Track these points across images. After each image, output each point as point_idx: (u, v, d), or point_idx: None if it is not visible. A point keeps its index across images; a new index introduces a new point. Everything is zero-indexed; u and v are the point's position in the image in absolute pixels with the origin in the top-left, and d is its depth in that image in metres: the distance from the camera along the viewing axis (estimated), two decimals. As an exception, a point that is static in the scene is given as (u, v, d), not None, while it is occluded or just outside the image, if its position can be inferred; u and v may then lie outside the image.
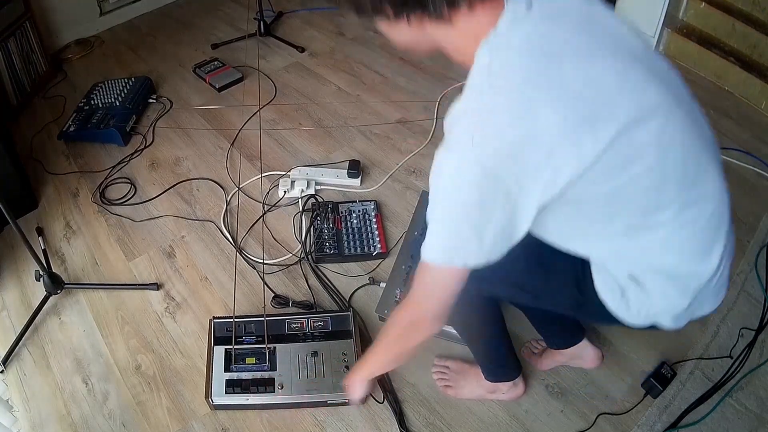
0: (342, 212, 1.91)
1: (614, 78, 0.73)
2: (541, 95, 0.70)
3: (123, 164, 2.21)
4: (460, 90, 0.77)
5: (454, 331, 1.53)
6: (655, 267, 0.87)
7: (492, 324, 1.22)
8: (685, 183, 0.81)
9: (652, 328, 0.95)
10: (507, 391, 1.40)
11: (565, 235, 0.91)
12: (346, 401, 1.43)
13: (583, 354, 1.43)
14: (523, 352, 1.52)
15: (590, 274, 0.92)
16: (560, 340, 1.41)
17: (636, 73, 0.76)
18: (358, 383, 1.20)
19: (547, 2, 0.75)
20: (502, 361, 1.34)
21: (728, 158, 2.11)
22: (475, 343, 1.31)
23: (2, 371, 1.57)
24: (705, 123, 0.89)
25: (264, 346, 1.48)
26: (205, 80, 2.60)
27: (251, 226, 1.93)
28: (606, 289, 0.91)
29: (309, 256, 1.80)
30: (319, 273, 1.77)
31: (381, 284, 1.70)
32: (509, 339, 1.30)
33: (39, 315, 1.68)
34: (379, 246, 1.80)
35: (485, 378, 1.39)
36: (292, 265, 1.80)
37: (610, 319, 0.93)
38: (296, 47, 2.82)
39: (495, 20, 0.74)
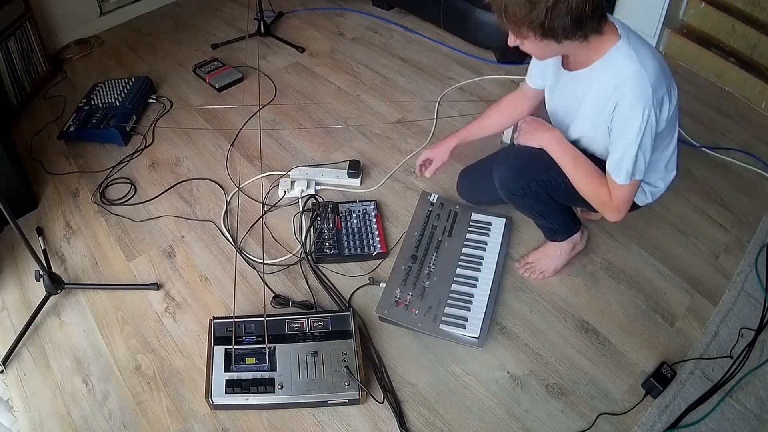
0: (342, 212, 1.91)
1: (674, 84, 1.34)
2: (667, 73, 1.30)
3: (123, 164, 2.21)
4: (460, 90, 0.84)
5: (454, 331, 1.54)
6: (661, 171, 1.49)
7: (558, 206, 1.59)
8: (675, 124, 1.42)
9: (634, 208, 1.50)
10: (580, 239, 1.74)
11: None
12: (347, 401, 1.43)
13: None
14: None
15: None
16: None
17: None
18: (536, 140, 1.47)
19: (629, 28, 1.31)
20: (572, 218, 1.67)
21: (728, 158, 2.11)
22: (554, 218, 1.63)
23: (2, 371, 1.57)
24: None
25: (264, 346, 1.48)
26: (205, 80, 2.60)
27: (251, 226, 1.93)
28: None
29: (309, 256, 1.80)
30: (319, 273, 1.77)
31: (381, 284, 1.70)
32: None
33: (39, 315, 1.67)
34: (379, 246, 1.80)
35: (559, 241, 1.69)
36: (292, 265, 1.80)
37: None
38: (296, 47, 2.82)
39: (614, 38, 1.26)
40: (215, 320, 1.54)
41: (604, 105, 1.30)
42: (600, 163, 1.40)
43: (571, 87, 1.42)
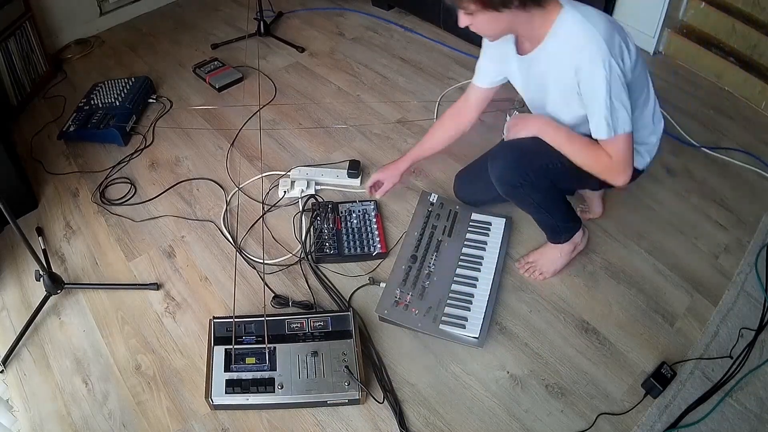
0: (342, 212, 1.91)
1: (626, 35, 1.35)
2: (617, 26, 1.32)
3: (123, 164, 2.21)
4: (460, 90, 0.89)
5: (454, 331, 1.54)
6: (649, 126, 1.50)
7: (557, 197, 1.61)
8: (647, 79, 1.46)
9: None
10: (581, 239, 1.73)
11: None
12: (347, 401, 1.43)
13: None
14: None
15: None
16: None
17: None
18: (527, 129, 1.46)
19: None
20: (572, 214, 1.67)
21: (728, 158, 2.11)
22: (555, 211, 1.62)
23: (2, 371, 1.57)
24: None
25: (264, 346, 1.48)
26: (205, 80, 2.60)
27: (251, 226, 1.93)
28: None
29: (309, 256, 1.80)
30: (319, 273, 1.77)
31: (381, 284, 1.70)
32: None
33: (39, 315, 1.67)
34: (379, 246, 1.80)
35: (562, 242, 1.68)
36: (292, 265, 1.80)
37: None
38: (296, 47, 2.82)
39: (557, 8, 1.30)
40: (215, 320, 1.54)
41: (566, 73, 1.32)
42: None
43: (532, 70, 1.44)
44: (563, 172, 1.46)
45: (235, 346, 1.47)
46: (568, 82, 1.33)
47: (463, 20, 1.31)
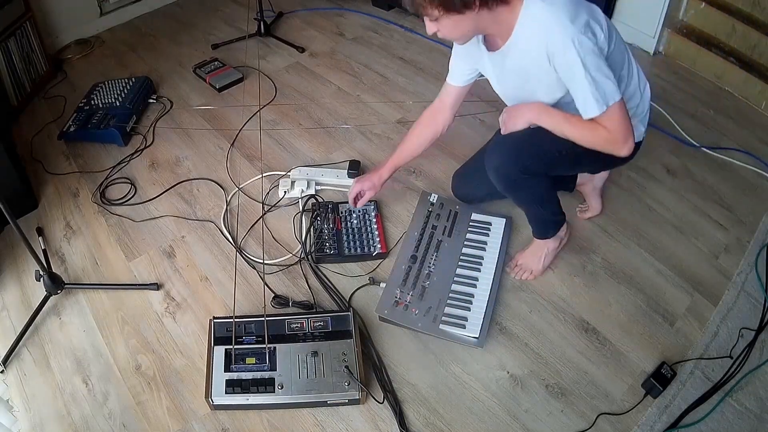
0: (342, 212, 1.91)
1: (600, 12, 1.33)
2: (581, 2, 1.29)
3: (123, 164, 2.21)
4: None
5: (454, 331, 1.54)
6: (637, 94, 1.49)
7: (551, 188, 1.62)
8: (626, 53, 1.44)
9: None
10: (565, 233, 1.76)
11: None
12: (347, 401, 1.43)
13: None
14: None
15: None
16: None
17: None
18: (523, 119, 1.45)
19: None
20: (560, 207, 1.67)
21: (728, 158, 2.11)
22: (548, 203, 1.63)
23: (2, 371, 1.57)
24: None
25: (264, 346, 1.48)
26: (205, 80, 2.60)
27: (251, 226, 1.93)
28: None
29: (309, 257, 1.80)
30: (319, 273, 1.77)
31: (381, 284, 1.70)
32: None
33: (39, 315, 1.67)
34: (379, 246, 1.80)
35: (549, 237, 1.69)
36: (292, 265, 1.80)
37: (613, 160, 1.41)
38: (296, 47, 2.82)
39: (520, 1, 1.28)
40: (215, 320, 1.54)
41: (541, 62, 1.31)
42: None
43: (506, 65, 1.43)
44: (561, 158, 1.46)
45: (235, 346, 1.47)
46: (546, 69, 1.32)
47: (430, 27, 1.32)
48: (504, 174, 1.52)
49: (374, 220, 1.88)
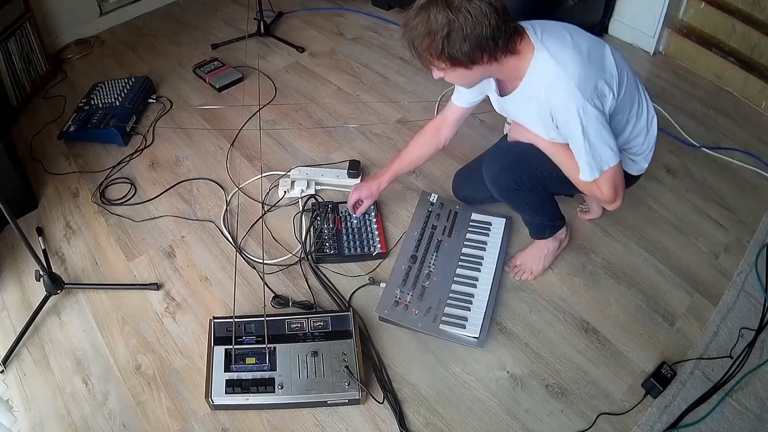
0: (342, 212, 1.91)
1: (610, 59, 1.33)
2: (595, 59, 1.29)
3: (123, 164, 2.21)
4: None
5: (454, 331, 1.54)
6: (642, 134, 1.47)
7: (546, 198, 1.63)
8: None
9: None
10: (565, 235, 1.76)
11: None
12: (347, 401, 1.43)
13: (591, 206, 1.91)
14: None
15: None
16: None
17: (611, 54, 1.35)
18: (529, 139, 1.47)
19: (544, 29, 1.30)
20: (558, 213, 1.68)
21: (728, 158, 2.11)
22: (544, 213, 1.64)
23: (2, 371, 1.57)
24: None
25: (264, 346, 1.48)
26: (205, 80, 2.60)
27: (251, 226, 1.93)
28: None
29: (309, 256, 1.80)
30: (319, 273, 1.77)
31: (381, 284, 1.70)
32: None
33: (39, 315, 1.67)
34: (379, 246, 1.80)
35: (547, 238, 1.70)
36: (292, 265, 1.80)
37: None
38: (296, 47, 2.82)
39: (530, 51, 1.27)
40: (215, 320, 1.54)
41: (545, 117, 1.34)
42: None
43: (511, 108, 1.46)
44: (557, 179, 1.48)
45: (235, 346, 1.47)
46: (548, 122, 1.35)
47: (436, 74, 1.31)
48: (499, 183, 1.55)
49: (374, 220, 1.88)
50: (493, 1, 1.17)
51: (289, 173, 2.09)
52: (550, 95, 1.27)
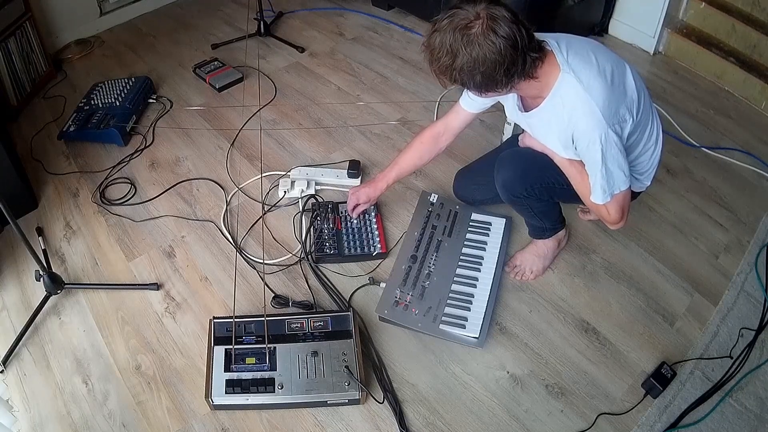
0: (342, 212, 1.91)
1: (630, 81, 1.33)
2: (619, 85, 1.29)
3: (123, 164, 2.21)
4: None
5: (454, 331, 1.54)
6: (648, 152, 1.47)
7: (551, 205, 1.64)
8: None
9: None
10: (564, 236, 1.76)
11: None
12: (347, 401, 1.43)
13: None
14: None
15: None
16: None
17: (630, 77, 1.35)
18: (541, 149, 1.48)
19: (570, 47, 1.29)
20: (561, 217, 1.71)
21: (728, 158, 2.11)
22: (547, 218, 1.66)
23: (2, 371, 1.57)
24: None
25: (264, 346, 1.48)
26: (205, 80, 2.60)
27: (251, 226, 1.93)
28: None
29: (309, 256, 1.80)
30: (319, 273, 1.77)
31: (381, 284, 1.70)
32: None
33: (39, 315, 1.67)
34: (379, 246, 1.80)
35: (548, 238, 1.71)
36: (292, 265, 1.80)
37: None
38: (296, 47, 2.82)
39: (555, 71, 1.26)
40: (215, 320, 1.54)
41: (566, 139, 1.34)
42: None
43: (531, 125, 1.47)
44: (567, 192, 1.49)
45: (235, 346, 1.47)
46: (567, 144, 1.36)
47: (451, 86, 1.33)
48: (509, 189, 1.55)
49: (374, 220, 1.88)
50: (514, 33, 1.14)
51: (289, 173, 2.09)
52: (574, 119, 1.27)
